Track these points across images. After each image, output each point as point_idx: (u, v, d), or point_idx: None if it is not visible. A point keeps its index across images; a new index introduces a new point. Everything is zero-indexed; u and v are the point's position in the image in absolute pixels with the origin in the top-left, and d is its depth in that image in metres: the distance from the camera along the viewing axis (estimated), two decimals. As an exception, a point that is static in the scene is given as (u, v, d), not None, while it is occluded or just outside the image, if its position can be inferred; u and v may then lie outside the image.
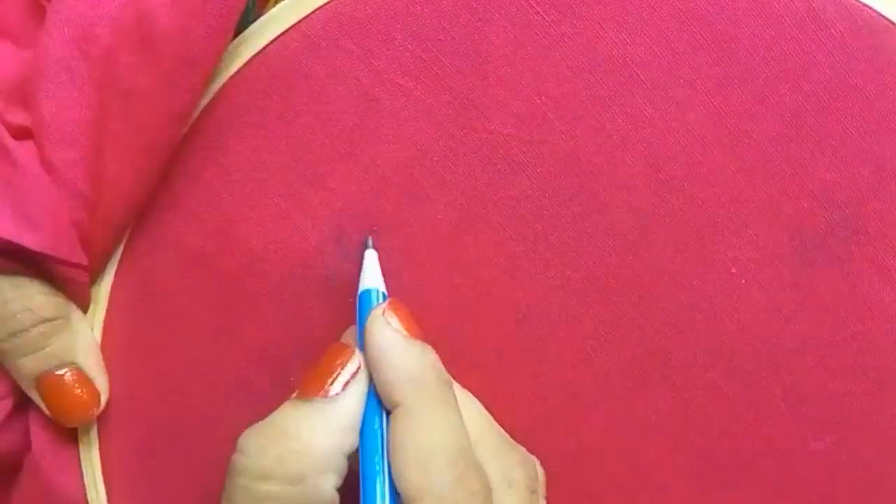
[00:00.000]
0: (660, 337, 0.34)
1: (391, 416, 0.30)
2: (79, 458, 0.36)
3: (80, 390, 0.34)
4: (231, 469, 0.29)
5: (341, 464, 0.29)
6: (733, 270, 0.33)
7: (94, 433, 0.36)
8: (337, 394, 0.30)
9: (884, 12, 0.31)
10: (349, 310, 0.33)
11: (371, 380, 0.30)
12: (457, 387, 0.32)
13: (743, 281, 0.33)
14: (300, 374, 0.34)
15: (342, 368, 0.30)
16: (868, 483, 0.34)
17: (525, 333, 0.34)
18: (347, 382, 0.30)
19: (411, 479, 0.28)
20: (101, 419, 0.35)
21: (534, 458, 0.33)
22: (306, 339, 0.34)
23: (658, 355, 0.34)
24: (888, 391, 0.33)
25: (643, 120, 0.32)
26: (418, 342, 0.31)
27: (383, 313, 0.31)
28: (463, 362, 0.34)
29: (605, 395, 0.34)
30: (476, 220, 0.33)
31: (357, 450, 0.30)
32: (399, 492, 0.29)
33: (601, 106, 0.32)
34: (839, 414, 0.33)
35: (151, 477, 0.36)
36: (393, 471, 0.29)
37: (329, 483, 0.29)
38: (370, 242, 0.33)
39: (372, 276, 0.32)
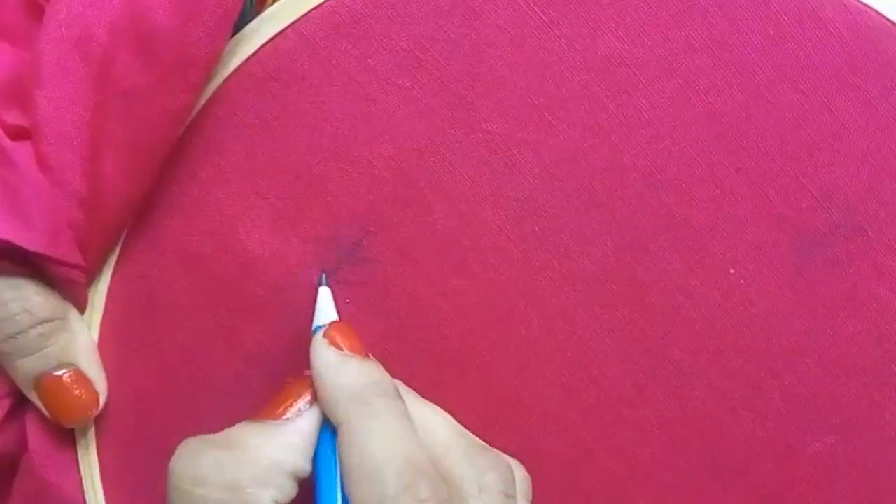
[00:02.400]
0: (658, 337, 0.33)
1: (337, 436, 0.30)
2: (76, 459, 0.36)
3: (78, 391, 0.34)
4: (169, 471, 0.29)
5: (283, 482, 0.29)
6: (732, 271, 0.33)
7: (91, 433, 0.36)
8: (288, 419, 0.30)
9: (883, 12, 0.31)
10: (346, 311, 0.33)
11: None
12: (417, 398, 0.32)
13: (742, 281, 0.33)
14: (296, 374, 0.34)
15: (299, 398, 0.31)
16: (867, 484, 0.34)
17: (523, 334, 0.34)
18: (301, 411, 0.30)
19: (360, 494, 0.28)
20: (99, 419, 0.35)
21: (511, 461, 0.32)
22: (303, 340, 0.34)
23: (656, 356, 0.34)
24: (887, 392, 0.33)
25: (641, 120, 0.32)
26: (356, 358, 0.31)
27: (324, 335, 0.31)
28: (461, 363, 0.34)
29: (604, 396, 0.34)
30: (473, 221, 0.33)
31: (309, 477, 0.30)
32: None
33: (599, 106, 0.32)
34: (838, 415, 0.33)
35: (149, 477, 0.36)
36: (345, 489, 0.29)
37: (267, 496, 0.29)
38: (324, 280, 0.34)
39: (324, 313, 0.33)
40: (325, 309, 0.33)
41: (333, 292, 0.34)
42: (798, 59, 0.31)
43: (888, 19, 0.31)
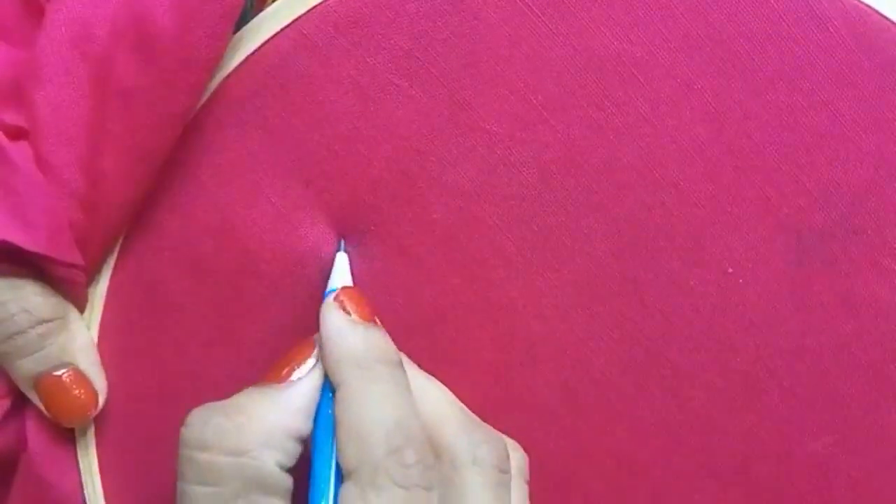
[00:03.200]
0: (656, 337, 0.33)
1: (335, 396, 0.30)
2: (76, 457, 0.36)
3: (78, 391, 0.34)
4: (180, 441, 0.30)
5: (286, 444, 0.29)
6: (730, 270, 0.33)
7: (91, 432, 0.36)
8: (291, 381, 0.30)
9: (882, 10, 0.31)
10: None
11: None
12: (417, 370, 0.33)
13: (740, 280, 0.33)
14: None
15: (302, 360, 0.31)
16: (866, 484, 0.33)
17: (521, 333, 0.34)
18: (304, 372, 0.31)
19: (349, 453, 0.29)
20: (98, 418, 0.35)
21: (507, 439, 0.32)
22: (302, 338, 0.34)
23: (654, 355, 0.34)
24: (886, 392, 0.33)
25: (639, 119, 0.32)
26: (363, 323, 0.31)
27: (335, 299, 0.32)
28: (459, 362, 0.34)
29: (602, 396, 0.34)
30: (472, 220, 0.33)
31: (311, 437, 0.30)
32: (339, 466, 0.29)
33: (597, 105, 0.32)
34: (837, 415, 0.33)
35: (148, 476, 0.36)
36: (336, 447, 0.29)
37: (271, 459, 0.29)
38: (342, 245, 0.34)
39: (339, 277, 0.33)
40: (341, 273, 0.33)
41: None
42: (797, 59, 0.31)
43: (887, 19, 0.31)
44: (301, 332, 0.34)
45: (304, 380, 0.31)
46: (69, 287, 0.34)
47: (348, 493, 0.28)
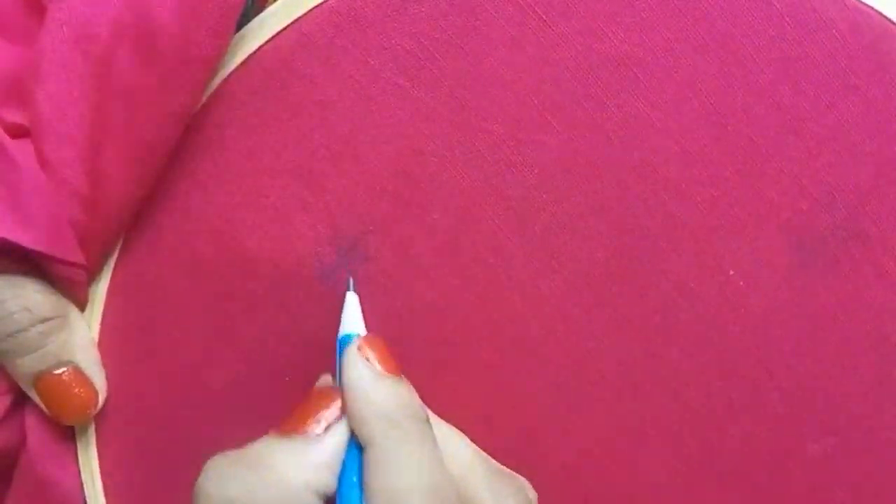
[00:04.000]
0: (657, 338, 0.33)
1: (363, 455, 0.29)
2: (76, 455, 0.36)
3: (78, 389, 0.34)
4: (197, 492, 0.29)
5: (311, 501, 0.29)
6: (731, 272, 0.33)
7: (91, 430, 0.36)
8: (318, 434, 0.29)
9: (885, 13, 0.31)
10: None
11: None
12: (439, 421, 0.32)
13: (741, 283, 0.33)
14: (295, 377, 0.34)
15: (325, 410, 0.30)
16: (866, 486, 0.33)
17: (521, 334, 0.34)
18: (329, 425, 0.30)
19: None
20: (99, 417, 0.35)
21: (525, 483, 0.32)
22: (302, 339, 0.34)
23: (656, 357, 0.33)
24: (887, 394, 0.33)
25: (641, 121, 0.32)
26: (391, 377, 0.30)
27: (359, 349, 0.30)
28: (459, 363, 0.34)
29: (603, 398, 0.34)
30: (473, 221, 0.33)
31: (335, 494, 0.29)
32: None
33: (599, 106, 0.32)
34: (838, 417, 0.33)
35: (148, 474, 0.36)
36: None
37: None
38: (352, 285, 0.33)
39: (352, 320, 0.32)
40: (353, 316, 0.32)
41: (333, 292, 0.34)
42: (800, 61, 0.31)
43: (890, 21, 0.31)
44: (301, 332, 0.34)
45: (331, 434, 0.30)
46: (70, 285, 0.34)
47: None
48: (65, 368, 0.34)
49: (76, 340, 0.34)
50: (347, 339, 0.31)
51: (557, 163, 0.33)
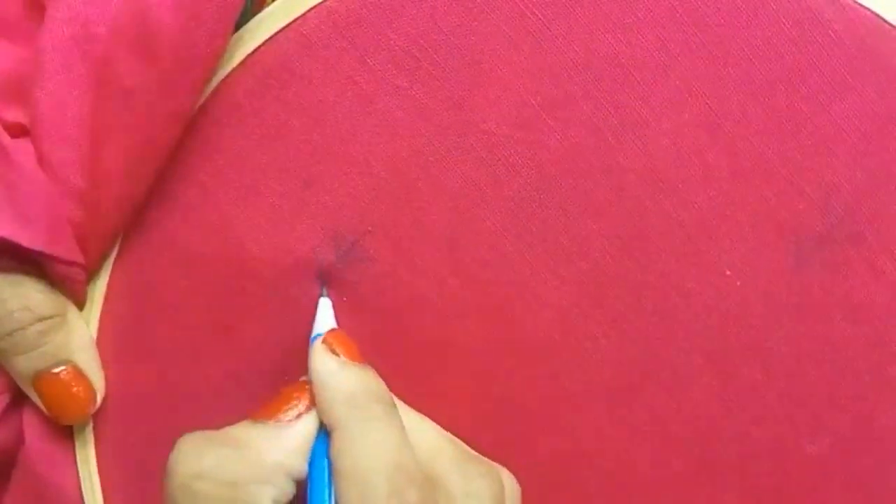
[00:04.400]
0: (654, 338, 0.33)
1: (330, 439, 0.30)
2: (74, 455, 0.36)
3: (76, 388, 0.34)
4: (168, 468, 0.30)
5: (282, 483, 0.30)
6: (728, 273, 0.33)
7: (89, 429, 0.36)
8: (290, 421, 0.31)
9: (882, 14, 0.31)
10: (344, 309, 0.33)
11: None
12: (407, 409, 0.33)
13: (738, 283, 0.33)
14: (294, 377, 0.34)
15: (297, 402, 0.31)
16: (864, 486, 0.33)
17: (519, 334, 0.34)
18: (301, 414, 0.31)
19: (350, 497, 0.29)
20: (97, 415, 0.35)
21: (501, 470, 0.33)
22: (300, 338, 0.34)
23: (652, 357, 0.34)
24: (884, 394, 0.33)
25: (638, 121, 0.32)
26: (355, 365, 0.31)
27: (324, 342, 0.32)
28: (457, 362, 0.34)
29: (601, 397, 0.34)
30: (471, 221, 0.33)
31: (306, 479, 0.30)
32: None
33: (596, 106, 0.32)
34: (834, 418, 0.33)
35: (147, 473, 0.36)
36: (335, 492, 0.29)
37: (267, 495, 0.29)
38: (324, 291, 0.34)
39: (323, 323, 0.33)
40: (325, 318, 0.33)
41: (331, 290, 0.34)
42: (796, 62, 0.31)
43: (887, 22, 0.31)
44: (299, 331, 0.34)
45: (302, 421, 0.31)
46: (69, 284, 0.34)
47: None
48: (63, 367, 0.34)
49: (75, 339, 0.34)
50: (318, 338, 0.32)
51: (555, 163, 0.33)
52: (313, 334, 0.33)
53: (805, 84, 0.31)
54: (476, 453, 0.33)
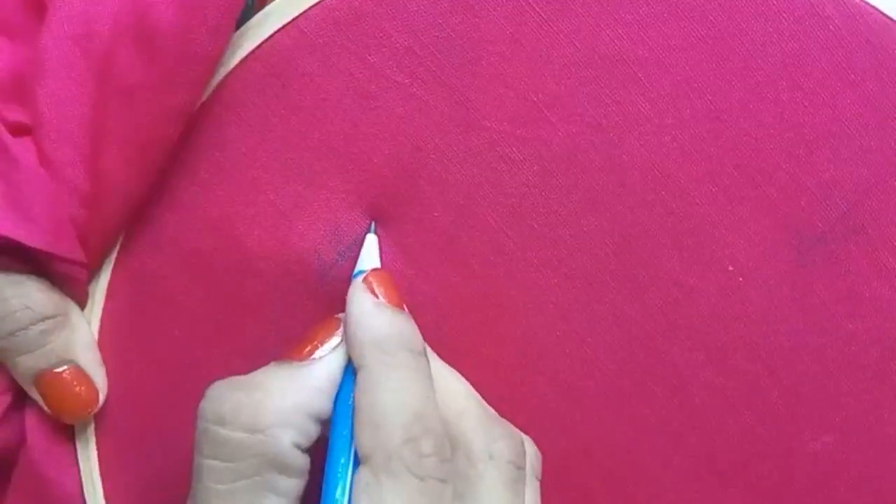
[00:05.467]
0: (656, 335, 0.33)
1: (356, 379, 0.30)
2: (75, 454, 0.36)
3: (79, 388, 0.34)
4: (198, 413, 0.30)
5: (303, 423, 0.29)
6: (730, 268, 0.33)
7: (91, 429, 0.36)
8: (313, 359, 0.30)
9: (882, 9, 0.31)
10: (344, 306, 0.33)
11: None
12: (439, 362, 0.33)
13: (740, 279, 0.33)
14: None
15: (325, 339, 0.31)
16: (867, 484, 0.33)
17: (521, 331, 0.34)
18: (324, 353, 0.31)
19: (365, 438, 0.29)
20: (99, 414, 0.35)
21: (523, 436, 0.32)
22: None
23: (654, 353, 0.33)
24: (887, 391, 0.33)
25: (640, 117, 0.32)
26: (391, 308, 0.31)
27: (364, 280, 0.31)
28: (458, 360, 0.34)
29: (602, 394, 0.34)
30: (472, 218, 0.33)
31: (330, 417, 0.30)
32: (355, 450, 0.29)
33: (597, 103, 0.32)
34: (837, 414, 0.33)
35: (148, 473, 0.36)
36: (353, 432, 0.29)
37: (287, 437, 0.29)
38: (373, 227, 0.34)
39: (368, 259, 0.33)
40: (370, 255, 0.33)
41: (333, 289, 0.34)
42: (797, 57, 0.31)
43: (888, 17, 0.31)
44: (300, 329, 0.34)
45: (326, 359, 0.30)
46: (70, 283, 0.34)
47: (362, 478, 0.28)
48: (65, 367, 0.34)
49: (77, 339, 0.34)
50: (360, 274, 0.32)
51: (556, 159, 0.33)
52: (356, 270, 0.32)
53: (806, 79, 0.31)
54: (499, 417, 0.32)
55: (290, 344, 0.31)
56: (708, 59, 0.32)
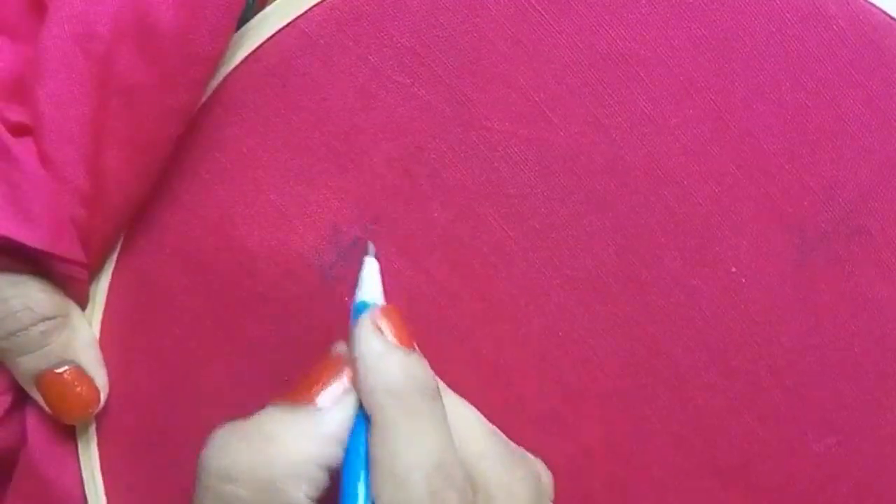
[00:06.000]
0: (658, 335, 0.33)
1: (370, 427, 0.29)
2: (77, 454, 0.36)
3: (79, 388, 0.34)
4: (199, 465, 0.28)
5: (316, 475, 0.28)
6: (733, 269, 0.33)
7: (92, 429, 0.36)
8: (323, 407, 0.29)
9: (886, 9, 0.31)
10: (345, 308, 0.33)
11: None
12: (454, 398, 0.32)
13: (743, 280, 0.33)
14: (297, 372, 0.33)
15: (334, 380, 0.29)
16: (869, 485, 0.33)
17: (522, 332, 0.34)
18: (336, 396, 0.29)
19: (386, 495, 0.27)
20: (100, 415, 0.35)
21: (537, 463, 0.32)
22: (303, 337, 0.34)
23: (657, 354, 0.33)
24: (889, 392, 0.33)
25: (643, 117, 0.32)
26: (402, 350, 0.30)
27: (372, 319, 0.30)
28: (460, 360, 0.34)
29: (604, 394, 0.34)
30: (473, 218, 0.33)
31: (341, 465, 0.29)
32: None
33: (599, 103, 0.32)
34: (840, 416, 0.33)
35: (149, 473, 0.36)
36: (371, 484, 0.28)
37: (299, 491, 0.28)
38: (371, 249, 0.33)
39: (369, 287, 0.32)
40: (371, 283, 0.32)
41: (333, 289, 0.34)
42: (801, 57, 0.31)
43: (890, 16, 0.31)
44: (301, 330, 0.34)
45: (340, 406, 0.29)
46: (71, 284, 0.34)
47: None
48: (66, 367, 0.34)
49: (78, 339, 0.34)
50: (363, 306, 0.31)
51: (558, 159, 0.33)
52: (358, 299, 0.31)
53: (810, 79, 0.31)
54: (517, 448, 0.32)
55: (293, 385, 0.30)
56: (710, 58, 0.31)
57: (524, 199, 0.33)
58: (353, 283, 0.33)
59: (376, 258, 0.33)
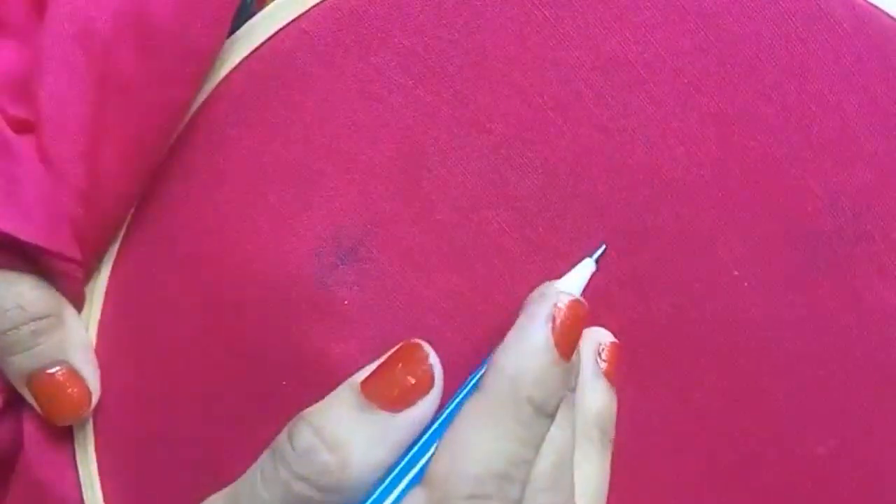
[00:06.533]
0: (660, 339, 0.33)
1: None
2: (74, 457, 0.35)
3: (71, 389, 0.34)
4: (276, 451, 0.29)
5: (376, 476, 0.29)
6: (736, 273, 0.32)
7: (89, 431, 0.35)
8: (407, 416, 0.29)
9: (892, 13, 0.31)
10: (345, 309, 0.33)
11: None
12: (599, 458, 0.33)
13: (745, 283, 0.32)
14: (293, 379, 0.33)
15: (423, 388, 0.30)
16: (871, 488, 0.33)
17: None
18: (420, 401, 0.29)
19: (439, 463, 0.28)
20: (97, 416, 0.35)
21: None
22: (301, 340, 0.34)
23: (658, 357, 0.33)
24: (891, 396, 0.33)
25: (646, 120, 0.32)
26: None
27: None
28: (461, 364, 0.33)
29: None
30: (475, 221, 0.33)
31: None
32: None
33: (603, 105, 0.32)
34: (841, 419, 0.33)
35: (147, 475, 0.35)
36: (438, 443, 0.28)
37: (361, 492, 0.28)
38: (602, 250, 0.33)
39: (573, 280, 0.32)
40: (578, 278, 0.32)
41: (331, 291, 0.33)
42: (806, 60, 0.31)
43: (896, 20, 0.31)
44: (300, 334, 0.34)
45: (421, 417, 0.29)
46: (65, 282, 0.33)
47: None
48: (58, 368, 0.33)
49: (70, 340, 0.34)
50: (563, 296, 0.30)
51: (561, 163, 0.32)
52: (559, 283, 0.31)
53: (814, 82, 0.31)
54: None
55: (374, 381, 0.29)
56: (715, 62, 0.31)
57: (526, 201, 0.33)
58: (353, 284, 0.33)
59: (596, 262, 0.32)
